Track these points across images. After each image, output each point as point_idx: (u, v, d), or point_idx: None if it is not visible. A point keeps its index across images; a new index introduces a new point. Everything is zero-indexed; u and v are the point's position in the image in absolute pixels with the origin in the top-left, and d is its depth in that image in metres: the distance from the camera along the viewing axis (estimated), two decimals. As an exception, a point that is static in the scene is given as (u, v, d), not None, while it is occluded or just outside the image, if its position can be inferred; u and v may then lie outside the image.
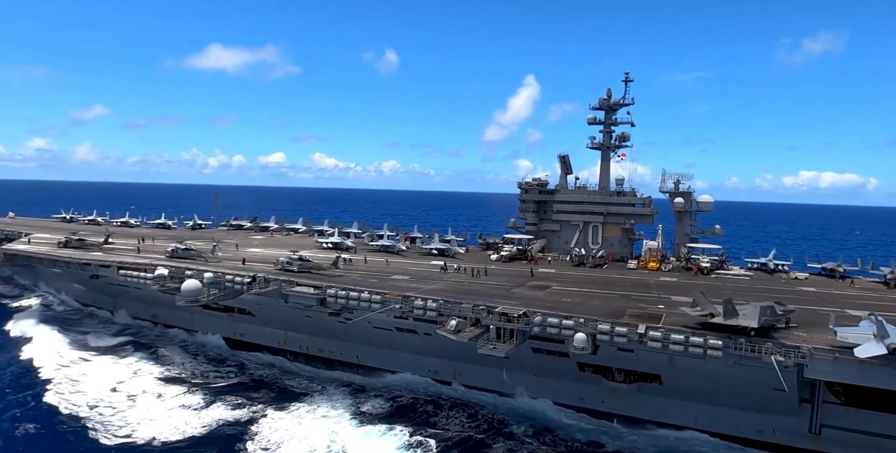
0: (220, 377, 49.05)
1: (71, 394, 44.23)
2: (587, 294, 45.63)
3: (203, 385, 47.00)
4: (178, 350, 55.20)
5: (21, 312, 67.68)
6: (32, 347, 54.77)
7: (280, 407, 42.63)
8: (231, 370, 50.68)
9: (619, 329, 34.16)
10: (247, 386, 47.20)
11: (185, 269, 51.07)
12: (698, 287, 49.39)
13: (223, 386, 47.13)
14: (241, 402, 43.36)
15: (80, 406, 42.30)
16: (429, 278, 51.24)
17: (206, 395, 44.64)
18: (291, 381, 48.36)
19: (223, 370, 50.57)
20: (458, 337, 36.49)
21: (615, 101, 68.47)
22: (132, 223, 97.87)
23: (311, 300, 44.56)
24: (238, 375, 49.66)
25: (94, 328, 62.10)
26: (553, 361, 40.74)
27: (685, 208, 65.52)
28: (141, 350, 54.90)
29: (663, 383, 38.48)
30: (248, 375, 49.74)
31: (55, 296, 73.25)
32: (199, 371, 50.09)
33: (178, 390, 45.60)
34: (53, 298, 72.95)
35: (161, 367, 50.46)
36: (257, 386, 47.07)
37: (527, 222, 70.91)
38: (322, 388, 46.55)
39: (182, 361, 52.21)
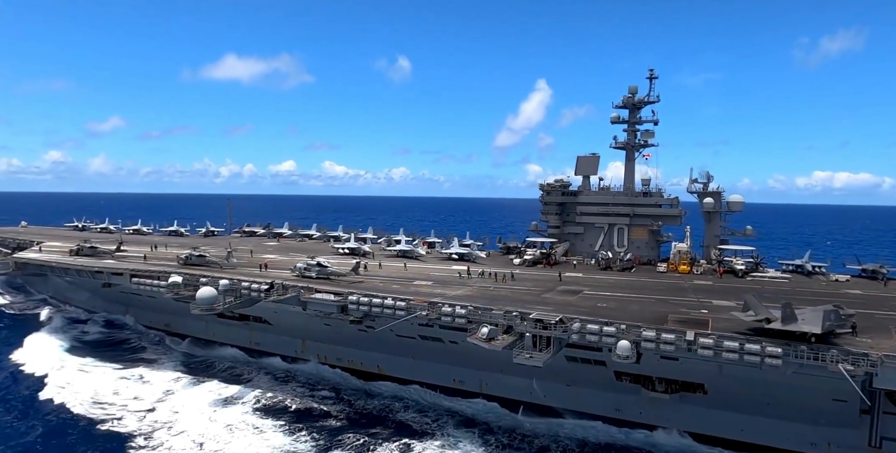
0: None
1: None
2: (622, 299, 43.22)
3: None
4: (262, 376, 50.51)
5: (46, 329, 62.68)
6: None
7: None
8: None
9: (666, 336, 31.76)
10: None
11: (200, 276, 49.28)
12: (737, 290, 46.97)
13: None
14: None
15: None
16: (452, 283, 49.07)
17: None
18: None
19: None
20: (491, 345, 34.24)
21: (640, 99, 66.26)
22: (144, 230, 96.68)
23: (332, 307, 42.48)
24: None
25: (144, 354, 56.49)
26: (588, 370, 38.40)
27: (715, 209, 63.04)
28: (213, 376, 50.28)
29: (708, 393, 36.04)
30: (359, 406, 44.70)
31: (67, 305, 71.74)
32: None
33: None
34: (68, 308, 71.34)
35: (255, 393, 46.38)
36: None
37: (549, 225, 68.62)
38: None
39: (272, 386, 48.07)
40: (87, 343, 58.46)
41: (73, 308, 70.73)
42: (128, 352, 56.16)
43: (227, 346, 55.60)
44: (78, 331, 62.20)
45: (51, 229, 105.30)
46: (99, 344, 58.36)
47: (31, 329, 62.05)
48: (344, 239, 76.50)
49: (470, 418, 41.91)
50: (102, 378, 48.79)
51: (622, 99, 67.11)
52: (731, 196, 63.94)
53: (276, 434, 39.03)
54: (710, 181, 63.94)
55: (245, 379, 49.38)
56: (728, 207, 63.69)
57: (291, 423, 40.76)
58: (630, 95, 66.52)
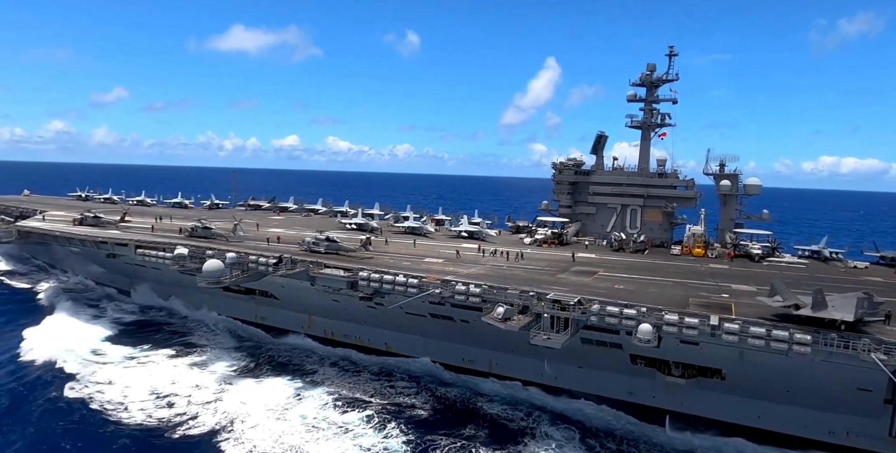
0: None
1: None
2: (639, 281, 42.18)
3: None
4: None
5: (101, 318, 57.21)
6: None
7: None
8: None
9: (689, 320, 30.78)
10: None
11: (206, 249, 48.33)
12: (756, 275, 46.00)
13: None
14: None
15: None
16: (464, 261, 48.05)
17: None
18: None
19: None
20: (507, 326, 33.34)
21: (658, 77, 64.12)
22: (148, 202, 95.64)
23: (342, 283, 41.58)
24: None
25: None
26: (603, 353, 37.60)
27: (731, 191, 61.55)
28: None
29: (726, 378, 35.24)
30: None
31: (71, 276, 71.08)
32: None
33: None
34: (70, 279, 70.64)
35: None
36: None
37: (561, 204, 67.21)
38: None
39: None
40: (118, 324, 55.73)
41: (77, 278, 70.08)
42: (161, 333, 53.29)
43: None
44: (99, 311, 59.81)
45: (54, 198, 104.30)
46: (125, 325, 55.87)
47: (41, 309, 59.26)
48: (351, 214, 75.27)
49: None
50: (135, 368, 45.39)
51: (639, 76, 64.94)
52: (748, 179, 62.37)
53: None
54: (726, 164, 62.30)
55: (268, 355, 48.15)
56: (745, 190, 62.23)
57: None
58: (648, 73, 64.39)
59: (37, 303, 60.99)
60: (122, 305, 61.06)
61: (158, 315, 58.65)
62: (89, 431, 35.38)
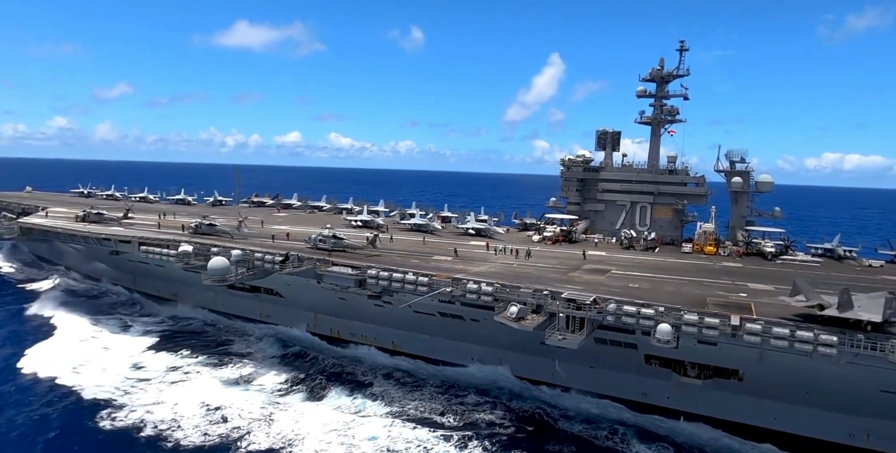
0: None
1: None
2: (653, 279, 41.28)
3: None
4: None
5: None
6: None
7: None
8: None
9: (710, 320, 29.91)
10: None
11: (211, 246, 47.52)
12: (772, 274, 45.12)
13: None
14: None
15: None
16: (473, 259, 47.21)
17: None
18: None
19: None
20: (521, 325, 32.51)
21: (668, 72, 63.12)
22: (151, 198, 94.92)
23: (350, 281, 40.75)
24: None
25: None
26: (617, 353, 36.81)
27: (743, 189, 60.60)
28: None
29: (743, 380, 34.46)
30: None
31: (74, 274, 70.33)
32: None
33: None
34: (73, 277, 69.84)
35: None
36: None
37: (569, 201, 66.33)
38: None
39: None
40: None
41: (79, 276, 69.38)
42: (197, 341, 50.72)
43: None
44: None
45: (56, 195, 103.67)
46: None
47: (47, 313, 57.22)
48: (356, 211, 74.45)
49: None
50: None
51: (649, 72, 63.96)
52: (760, 176, 61.38)
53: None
54: (740, 160, 61.26)
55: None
56: (756, 187, 61.28)
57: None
58: (658, 68, 63.39)
59: (43, 305, 58.38)
60: (139, 310, 59.02)
61: (189, 321, 55.41)
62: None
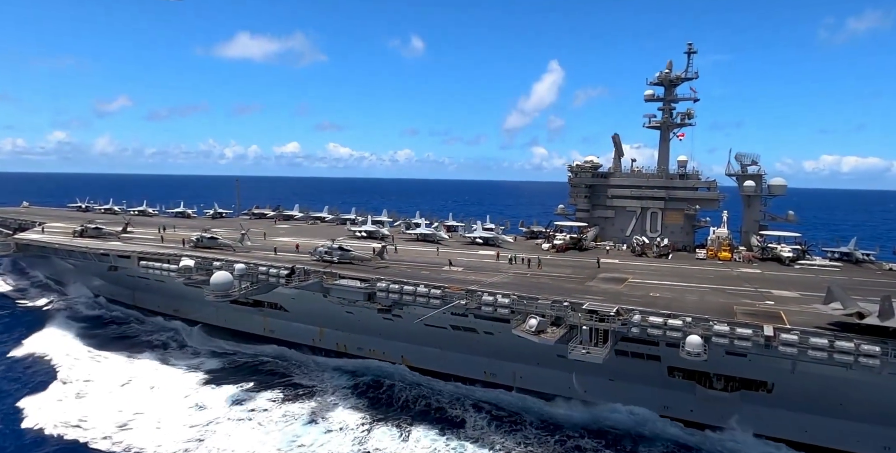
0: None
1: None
2: (673, 288, 39.74)
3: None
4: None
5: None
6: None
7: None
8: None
9: (741, 330, 28.40)
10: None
11: (213, 260, 46.01)
12: (795, 280, 43.67)
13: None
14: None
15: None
16: (484, 269, 45.69)
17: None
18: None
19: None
20: (541, 339, 30.96)
21: (676, 75, 62.04)
22: (150, 212, 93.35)
23: (358, 295, 39.21)
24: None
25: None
26: (639, 365, 35.31)
27: (756, 192, 59.31)
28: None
29: (773, 391, 32.93)
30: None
31: (73, 291, 68.58)
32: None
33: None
34: (72, 294, 68.04)
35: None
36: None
37: (578, 208, 64.88)
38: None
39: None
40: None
41: (77, 292, 67.65)
42: (252, 371, 46.71)
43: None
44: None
45: (53, 210, 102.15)
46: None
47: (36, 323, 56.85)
48: (360, 221, 72.97)
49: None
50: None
51: (657, 75, 62.91)
52: (772, 179, 60.16)
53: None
54: (752, 163, 60.06)
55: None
56: (769, 191, 60.01)
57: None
58: (666, 71, 62.31)
59: (49, 335, 53.89)
60: (163, 336, 54.74)
61: (241, 352, 50.59)
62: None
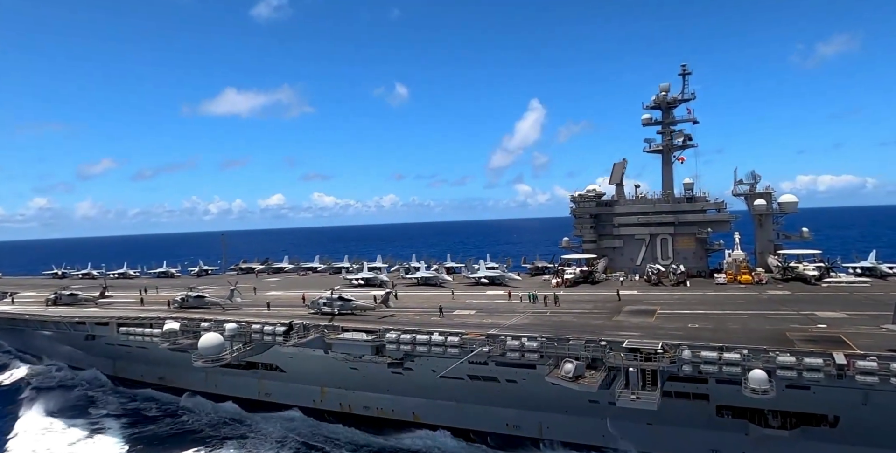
0: None
1: None
2: (709, 317, 36.35)
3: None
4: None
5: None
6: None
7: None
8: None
9: (810, 361, 24.92)
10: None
11: (201, 321, 41.82)
12: (831, 299, 40.64)
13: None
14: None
15: None
16: (497, 311, 42.04)
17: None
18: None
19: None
20: (581, 385, 27.17)
21: (673, 98, 60.92)
22: (131, 274, 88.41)
23: (365, 349, 35.20)
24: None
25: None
26: (683, 406, 31.40)
27: (767, 211, 57.12)
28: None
29: (838, 425, 29.18)
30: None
31: (48, 363, 63.16)
32: None
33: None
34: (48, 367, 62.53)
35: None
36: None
37: (584, 239, 62.07)
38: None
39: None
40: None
41: (54, 365, 62.25)
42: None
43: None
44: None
45: (27, 278, 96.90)
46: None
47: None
48: (355, 269, 69.25)
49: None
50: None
51: (653, 99, 61.85)
52: (782, 196, 58.23)
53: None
54: (756, 181, 58.26)
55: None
56: (780, 209, 57.93)
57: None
58: (662, 94, 61.18)
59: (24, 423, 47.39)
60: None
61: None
62: None
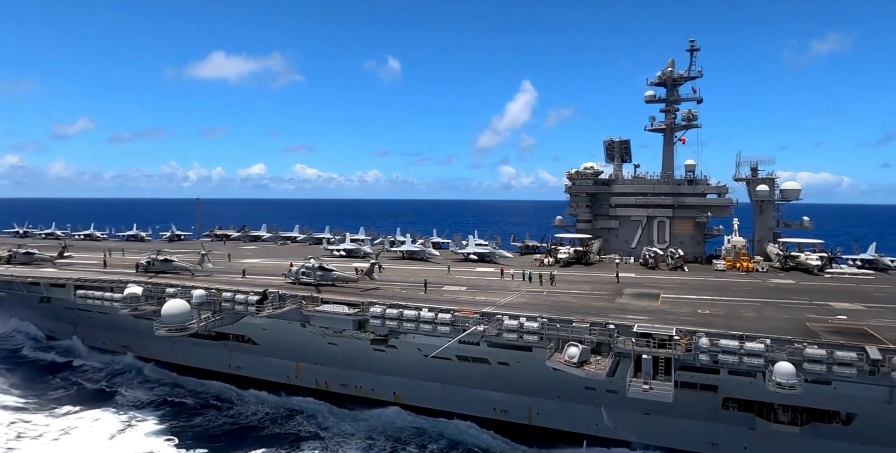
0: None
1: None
2: (718, 303, 34.03)
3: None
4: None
5: None
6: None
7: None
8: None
9: (843, 354, 22.62)
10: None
11: (166, 286, 38.35)
12: (840, 290, 38.73)
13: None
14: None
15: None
16: (490, 288, 39.30)
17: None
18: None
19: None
20: (587, 372, 24.60)
21: (679, 75, 57.91)
22: (98, 236, 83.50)
23: (346, 323, 32.24)
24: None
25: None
26: (688, 397, 29.19)
27: (769, 198, 54.98)
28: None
29: (852, 423, 27.29)
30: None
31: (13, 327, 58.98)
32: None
33: None
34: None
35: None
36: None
37: (578, 219, 59.38)
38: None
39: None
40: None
41: (8, 328, 58.24)
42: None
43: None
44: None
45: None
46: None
47: None
48: (336, 240, 65.86)
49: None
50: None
51: (658, 75, 58.79)
52: (785, 183, 56.00)
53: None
54: (757, 167, 55.97)
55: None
56: (782, 196, 55.80)
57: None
58: (668, 70, 58.11)
59: None
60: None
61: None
62: None
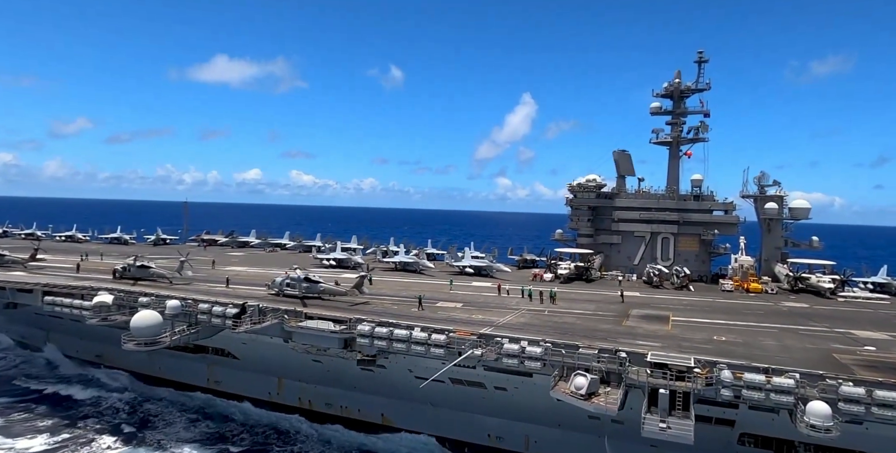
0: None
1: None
2: (735, 328, 31.61)
3: None
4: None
5: None
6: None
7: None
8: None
9: (884, 394, 20.24)
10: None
11: (140, 295, 35.65)
12: (857, 316, 36.48)
13: None
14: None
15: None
16: (487, 305, 36.79)
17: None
18: None
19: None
20: (596, 406, 22.05)
21: (686, 87, 56.12)
22: (79, 237, 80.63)
23: (332, 341, 29.65)
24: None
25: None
26: (701, 430, 26.71)
27: (777, 216, 53.03)
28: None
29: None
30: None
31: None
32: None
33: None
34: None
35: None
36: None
37: (580, 233, 57.14)
38: None
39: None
40: None
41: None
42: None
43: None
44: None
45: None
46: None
47: None
48: (327, 249, 63.27)
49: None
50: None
51: (664, 86, 56.99)
52: (793, 201, 54.14)
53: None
54: (765, 184, 54.11)
55: None
56: (791, 214, 53.89)
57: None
58: (674, 82, 56.31)
59: None
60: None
61: None
62: None
